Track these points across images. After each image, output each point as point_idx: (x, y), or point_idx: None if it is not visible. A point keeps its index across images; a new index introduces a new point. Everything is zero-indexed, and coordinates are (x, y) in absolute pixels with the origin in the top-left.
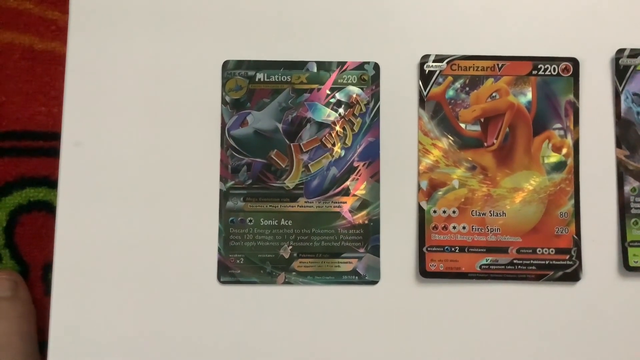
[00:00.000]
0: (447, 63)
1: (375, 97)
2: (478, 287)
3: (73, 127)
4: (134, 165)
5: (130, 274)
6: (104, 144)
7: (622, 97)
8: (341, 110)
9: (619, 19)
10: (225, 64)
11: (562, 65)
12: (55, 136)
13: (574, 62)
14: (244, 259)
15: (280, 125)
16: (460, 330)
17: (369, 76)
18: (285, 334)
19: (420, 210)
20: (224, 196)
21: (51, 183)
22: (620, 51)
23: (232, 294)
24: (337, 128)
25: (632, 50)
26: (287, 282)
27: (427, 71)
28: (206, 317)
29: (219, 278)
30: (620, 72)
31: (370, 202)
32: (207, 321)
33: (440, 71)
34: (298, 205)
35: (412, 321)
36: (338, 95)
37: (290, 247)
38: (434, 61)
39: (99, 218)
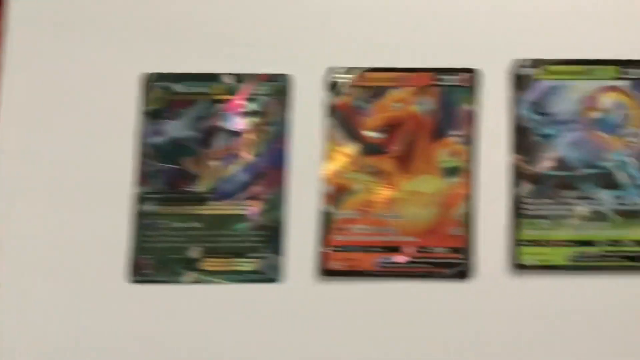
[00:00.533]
0: (354, 75)
1: (286, 107)
2: (376, 285)
3: None
4: (54, 170)
5: (45, 274)
6: (23, 148)
7: (519, 106)
8: (253, 119)
9: (516, 30)
10: (145, 76)
11: (462, 76)
12: None
13: (473, 72)
14: (155, 259)
15: (194, 134)
16: (360, 327)
17: (280, 87)
18: (194, 331)
19: (324, 213)
20: (139, 200)
21: None
22: (518, 61)
23: (143, 293)
24: (249, 136)
25: (529, 60)
26: (195, 281)
27: (334, 82)
28: (118, 315)
29: (130, 278)
30: (518, 82)
31: (276, 205)
32: (119, 320)
33: (347, 83)
34: (208, 209)
35: (313, 318)
36: (251, 106)
37: (199, 247)
38: (341, 73)
39: (14, 219)
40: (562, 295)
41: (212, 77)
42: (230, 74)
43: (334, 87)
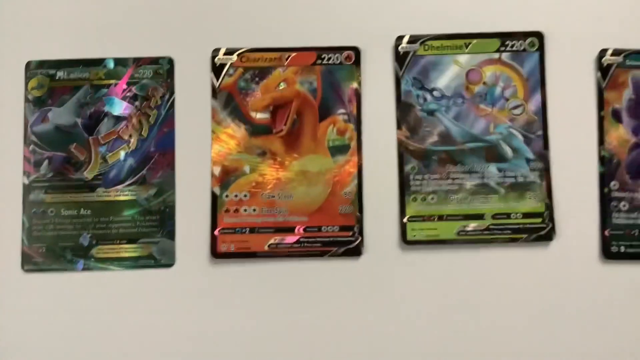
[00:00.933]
0: (238, 55)
1: (170, 89)
2: (267, 265)
3: None
4: None
5: None
6: None
7: (403, 82)
8: (137, 103)
9: (398, 7)
10: (28, 64)
11: (345, 54)
12: None
13: (356, 50)
14: (46, 248)
15: (79, 120)
16: (252, 309)
17: (164, 70)
18: (86, 318)
19: (213, 196)
20: (27, 189)
21: None
22: (399, 38)
23: (35, 282)
24: (134, 120)
25: (411, 36)
26: (86, 268)
27: (218, 64)
28: (11, 304)
29: (22, 267)
30: (400, 58)
31: (165, 189)
32: (11, 309)
33: (231, 63)
34: (97, 195)
35: (205, 301)
36: (134, 90)
37: (89, 235)
38: (224, 54)
39: None
40: (451, 269)
41: (93, 62)
42: (110, 58)
43: (217, 68)
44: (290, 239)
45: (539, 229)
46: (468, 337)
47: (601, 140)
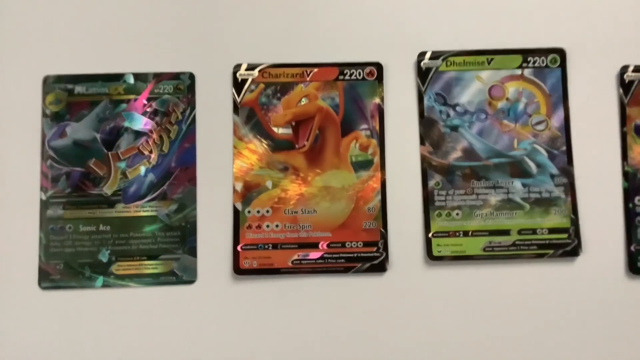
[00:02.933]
0: (259, 71)
1: (191, 105)
2: (290, 281)
3: None
4: None
5: None
6: None
7: (425, 97)
8: (158, 118)
9: (420, 23)
10: (46, 79)
11: (367, 69)
12: None
13: (378, 66)
14: (64, 264)
15: (98, 135)
16: (275, 326)
17: (184, 85)
18: (106, 336)
19: (235, 211)
20: (44, 205)
21: None
22: (422, 54)
23: (53, 300)
24: (154, 136)
25: (433, 52)
26: (105, 285)
27: (239, 79)
28: (28, 323)
29: (39, 284)
30: (423, 74)
31: (187, 205)
32: (28, 327)
33: (253, 79)
34: (116, 211)
35: (227, 318)
36: (155, 105)
37: (109, 251)
38: (246, 70)
39: None
40: (476, 285)
41: (112, 77)
42: (130, 73)
43: (239, 83)
44: (313, 254)
45: (565, 245)
46: (494, 353)
47: (624, 156)
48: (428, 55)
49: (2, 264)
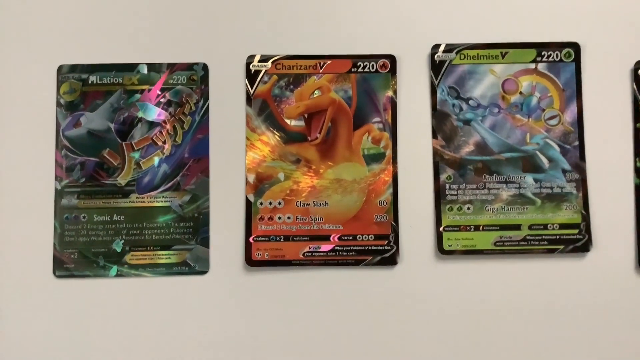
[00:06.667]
0: (272, 63)
1: (205, 96)
2: (301, 273)
3: None
4: None
5: None
6: None
7: (438, 91)
8: (171, 109)
9: (434, 16)
10: (60, 68)
11: (380, 62)
12: None
13: (392, 58)
14: (78, 253)
15: (112, 125)
16: (285, 317)
17: (198, 76)
18: (119, 324)
19: (248, 203)
20: (59, 194)
21: None
22: (436, 47)
23: (67, 288)
24: (168, 126)
25: (447, 45)
26: (119, 275)
27: (253, 71)
28: (43, 311)
29: (54, 272)
30: (436, 67)
31: (200, 196)
32: (43, 315)
33: (266, 70)
34: (130, 201)
35: (239, 308)
36: (168, 95)
37: (123, 241)
38: (259, 61)
39: None
40: (486, 280)
41: (125, 67)
42: (143, 63)
43: (252, 75)
44: (325, 247)
45: (576, 240)
46: (504, 347)
47: (637, 152)
48: (442, 48)
49: (18, 252)
